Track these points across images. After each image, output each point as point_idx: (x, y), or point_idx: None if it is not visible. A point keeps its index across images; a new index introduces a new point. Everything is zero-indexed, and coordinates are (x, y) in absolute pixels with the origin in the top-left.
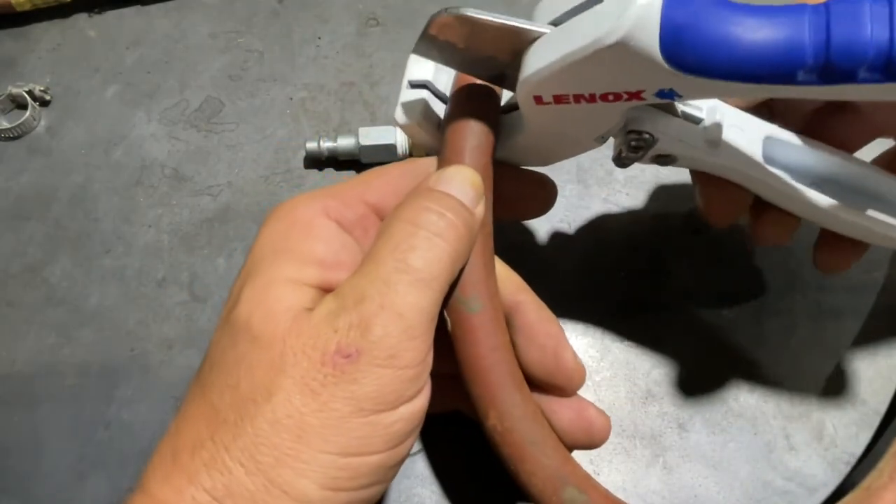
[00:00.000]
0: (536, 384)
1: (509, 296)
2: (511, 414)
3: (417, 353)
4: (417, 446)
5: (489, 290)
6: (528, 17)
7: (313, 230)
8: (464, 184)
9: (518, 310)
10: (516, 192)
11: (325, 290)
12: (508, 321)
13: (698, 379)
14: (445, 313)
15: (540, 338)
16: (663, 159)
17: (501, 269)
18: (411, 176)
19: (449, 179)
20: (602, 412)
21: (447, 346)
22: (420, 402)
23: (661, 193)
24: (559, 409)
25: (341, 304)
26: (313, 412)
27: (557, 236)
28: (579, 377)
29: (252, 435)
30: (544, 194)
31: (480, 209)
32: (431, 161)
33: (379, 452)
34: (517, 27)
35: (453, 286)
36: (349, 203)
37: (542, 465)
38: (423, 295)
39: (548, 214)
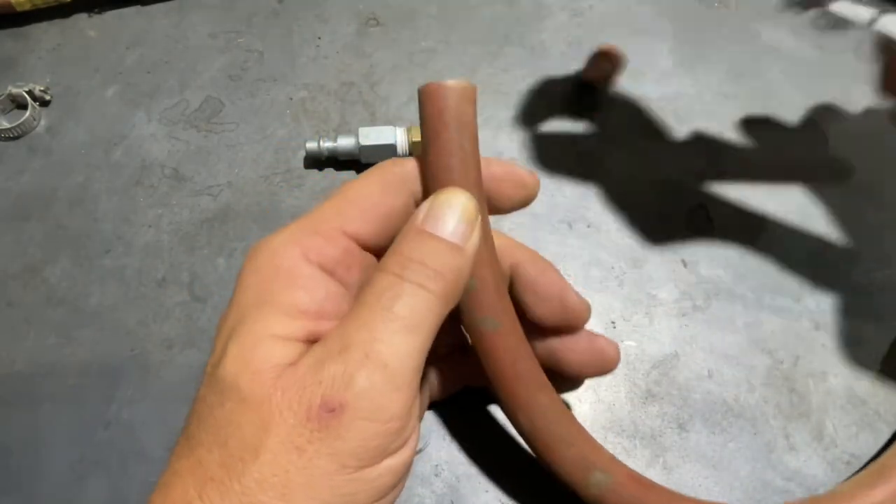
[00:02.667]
0: (550, 330)
1: (507, 258)
2: (538, 415)
3: (402, 405)
4: (420, 444)
5: (503, 306)
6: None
7: (296, 280)
8: (454, 219)
9: (518, 271)
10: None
11: (312, 341)
12: (512, 283)
13: (698, 379)
14: (464, 330)
15: (543, 290)
16: None
17: (495, 237)
18: (390, 193)
19: (439, 215)
20: (611, 341)
21: (450, 317)
22: (405, 455)
23: (662, 193)
24: (573, 345)
25: (326, 354)
26: (298, 470)
27: (558, 236)
28: (586, 313)
29: (240, 493)
30: (524, 194)
31: (474, 240)
32: (405, 165)
33: None
34: None
35: (469, 306)
36: (330, 238)
37: (570, 455)
38: (409, 343)
39: (548, 214)
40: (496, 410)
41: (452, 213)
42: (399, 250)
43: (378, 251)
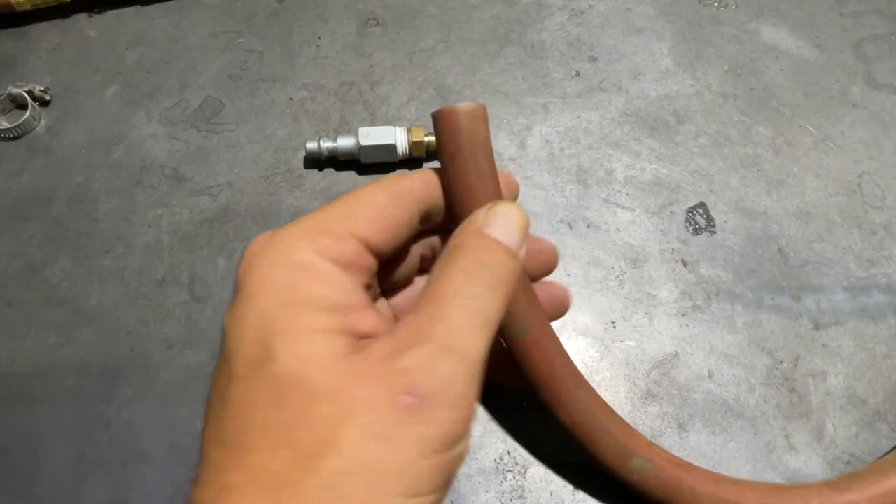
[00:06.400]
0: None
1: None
2: (577, 409)
3: (476, 394)
4: None
5: (534, 312)
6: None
7: (321, 276)
8: (514, 230)
9: None
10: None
11: (350, 335)
12: None
13: (698, 379)
14: (502, 338)
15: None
16: None
17: None
18: (397, 204)
19: (501, 224)
20: (562, 287)
21: None
22: (468, 442)
23: (662, 193)
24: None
25: (401, 346)
26: (383, 458)
27: (558, 236)
28: (556, 257)
29: (319, 489)
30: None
31: (523, 252)
32: (412, 180)
33: (437, 491)
34: None
35: (505, 316)
36: (341, 239)
37: (610, 444)
38: (483, 337)
39: (548, 214)
40: (495, 412)
41: (512, 223)
42: (468, 252)
43: (381, 258)
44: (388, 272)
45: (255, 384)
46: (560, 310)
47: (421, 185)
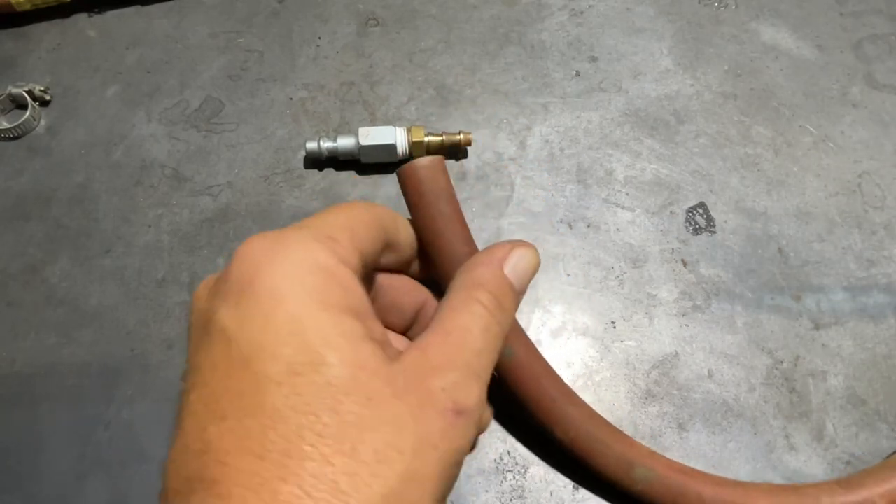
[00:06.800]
0: None
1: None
2: (573, 426)
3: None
4: None
5: (517, 336)
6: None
7: (345, 281)
8: (527, 274)
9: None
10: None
11: (375, 343)
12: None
13: (698, 379)
14: None
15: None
16: None
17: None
18: (378, 225)
19: (519, 267)
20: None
21: None
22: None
23: (662, 193)
24: None
25: (436, 367)
26: (434, 464)
27: (558, 236)
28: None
29: (390, 497)
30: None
31: (523, 295)
32: (383, 208)
33: (447, 496)
34: None
35: None
36: (347, 247)
37: (610, 457)
38: (493, 366)
39: (548, 214)
40: (495, 412)
41: (527, 267)
42: (491, 290)
43: (365, 271)
44: None
45: (301, 390)
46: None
47: (390, 218)
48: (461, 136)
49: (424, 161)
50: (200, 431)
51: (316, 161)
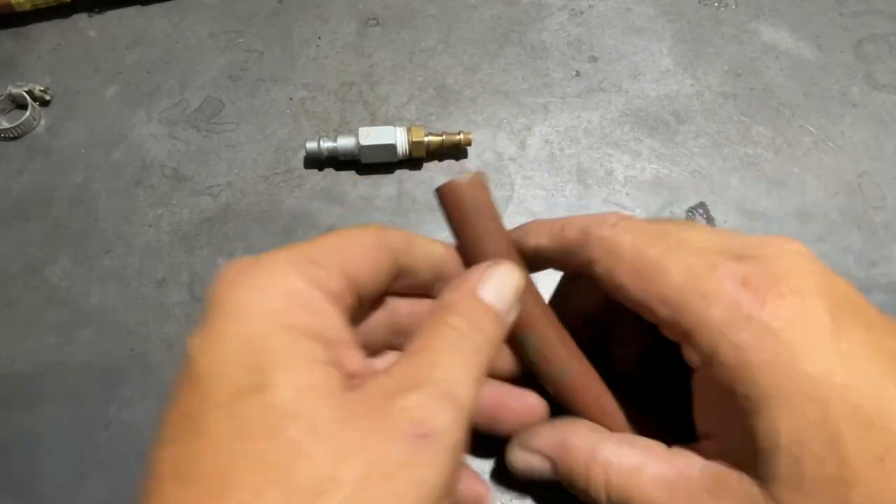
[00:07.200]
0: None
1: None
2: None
3: (466, 449)
4: None
5: (568, 352)
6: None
7: (313, 305)
8: (506, 292)
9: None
10: None
11: (342, 371)
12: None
13: None
14: (546, 386)
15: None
16: None
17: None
18: (383, 249)
19: (494, 287)
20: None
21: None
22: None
23: (662, 193)
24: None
25: (400, 387)
26: (384, 498)
27: None
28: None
29: None
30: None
31: (515, 311)
32: (396, 233)
33: None
34: None
35: (540, 364)
36: (330, 272)
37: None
38: (476, 392)
39: (548, 214)
40: None
41: (504, 285)
42: (460, 312)
43: (361, 300)
44: (356, 322)
45: (243, 413)
46: (528, 421)
47: (402, 241)
48: (461, 136)
49: (465, 178)
50: (152, 454)
51: (316, 161)
